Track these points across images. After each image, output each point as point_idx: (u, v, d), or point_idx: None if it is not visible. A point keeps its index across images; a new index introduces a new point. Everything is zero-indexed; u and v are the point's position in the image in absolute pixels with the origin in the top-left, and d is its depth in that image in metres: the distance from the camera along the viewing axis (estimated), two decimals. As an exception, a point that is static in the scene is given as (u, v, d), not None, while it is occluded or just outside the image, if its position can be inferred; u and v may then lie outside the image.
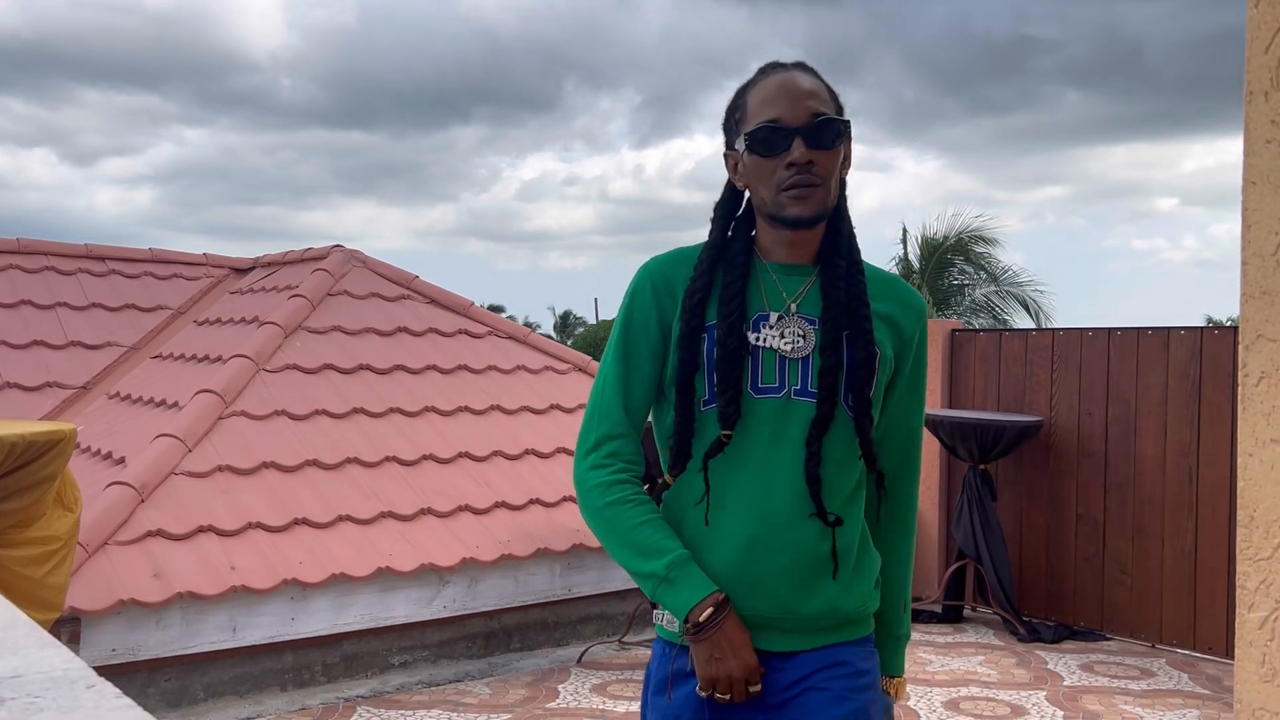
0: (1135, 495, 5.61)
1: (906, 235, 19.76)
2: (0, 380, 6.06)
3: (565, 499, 5.48)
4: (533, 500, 5.42)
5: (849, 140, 1.76)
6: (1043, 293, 19.14)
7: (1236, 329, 2.72)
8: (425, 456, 5.45)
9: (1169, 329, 5.53)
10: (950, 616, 5.99)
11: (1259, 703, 1.25)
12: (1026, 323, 18.61)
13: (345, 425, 5.50)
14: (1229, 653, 5.16)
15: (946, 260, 19.21)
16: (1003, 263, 19.42)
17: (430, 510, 5.11)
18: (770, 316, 1.72)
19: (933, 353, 6.35)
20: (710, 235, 1.79)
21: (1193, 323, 7.92)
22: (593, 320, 37.50)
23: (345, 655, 4.72)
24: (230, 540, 4.57)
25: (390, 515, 5.00)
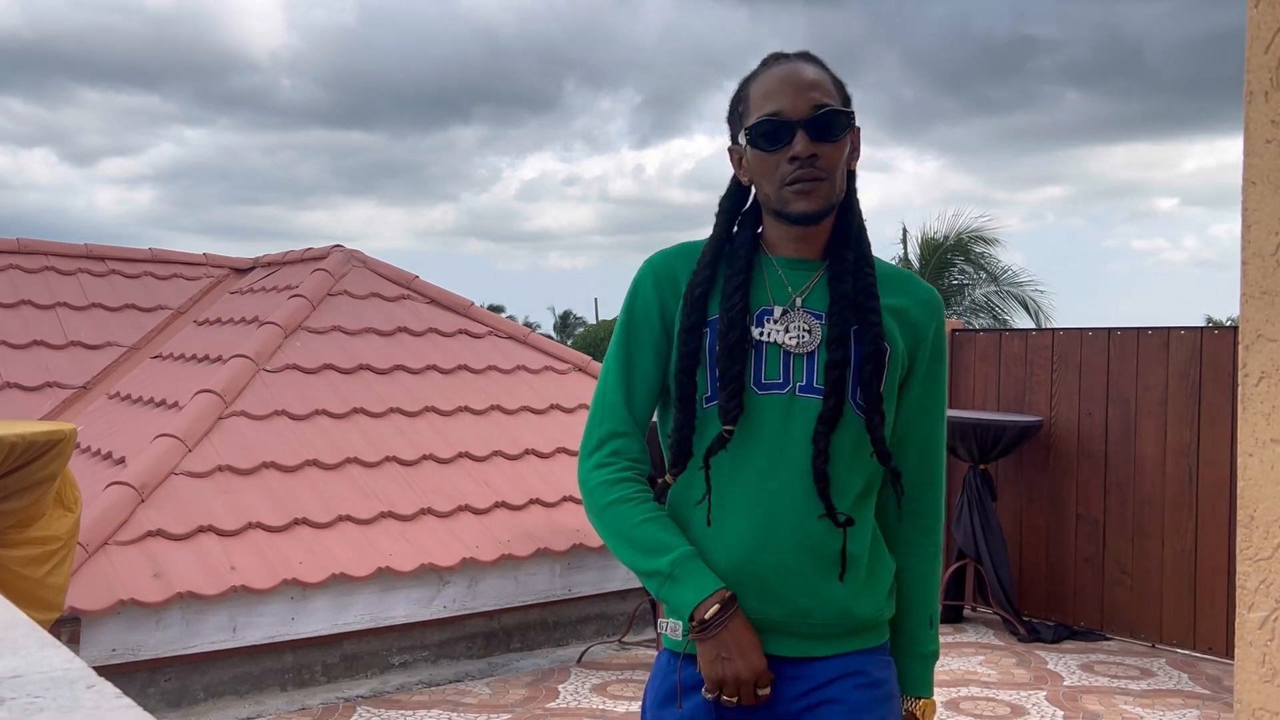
0: (1135, 495, 5.61)
1: (906, 235, 19.80)
2: (0, 380, 6.07)
3: (565, 499, 5.49)
4: (533, 500, 5.42)
5: (856, 131, 1.70)
6: (1043, 293, 19.18)
7: (1236, 329, 2.72)
8: (425, 456, 5.45)
9: (1169, 329, 5.54)
10: (950, 616, 5.99)
11: (1259, 703, 1.25)
12: (1026, 323, 18.63)
13: (345, 425, 5.51)
14: (1229, 653, 5.15)
15: (946, 260, 19.21)
16: (1003, 263, 19.46)
17: (430, 510, 5.11)
18: (775, 311, 1.66)
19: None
20: (715, 229, 1.73)
21: (1193, 323, 7.92)
22: (593, 320, 37.45)
23: (345, 655, 4.72)
24: (230, 540, 4.57)
25: (390, 515, 5.00)
